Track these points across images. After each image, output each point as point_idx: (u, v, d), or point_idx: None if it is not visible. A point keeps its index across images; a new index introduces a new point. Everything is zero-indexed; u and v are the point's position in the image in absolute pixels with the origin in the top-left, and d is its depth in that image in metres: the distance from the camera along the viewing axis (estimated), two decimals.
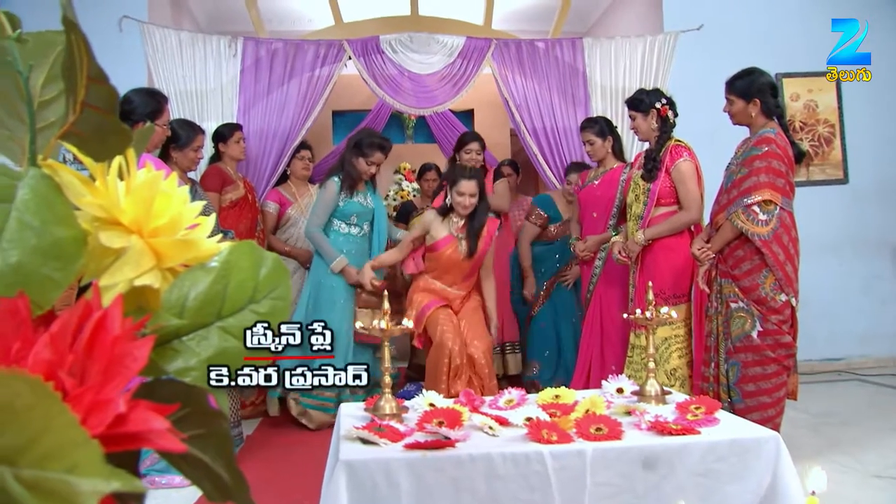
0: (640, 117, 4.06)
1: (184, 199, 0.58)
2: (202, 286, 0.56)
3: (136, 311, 0.55)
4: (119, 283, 0.55)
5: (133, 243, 0.55)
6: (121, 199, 0.55)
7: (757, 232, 3.46)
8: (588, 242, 4.63)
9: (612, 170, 4.67)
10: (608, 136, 4.73)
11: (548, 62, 5.65)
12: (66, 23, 0.52)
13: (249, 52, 5.38)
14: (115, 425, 0.43)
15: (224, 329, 0.58)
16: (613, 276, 4.42)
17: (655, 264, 3.95)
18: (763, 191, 3.46)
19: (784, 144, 3.54)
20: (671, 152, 3.96)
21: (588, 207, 4.76)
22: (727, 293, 3.58)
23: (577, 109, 5.66)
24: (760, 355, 3.49)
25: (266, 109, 5.39)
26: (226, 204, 4.66)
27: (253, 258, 0.58)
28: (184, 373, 0.56)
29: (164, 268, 0.57)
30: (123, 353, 0.46)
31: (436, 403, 2.55)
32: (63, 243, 0.51)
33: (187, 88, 5.27)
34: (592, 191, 4.73)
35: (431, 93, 5.65)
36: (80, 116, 0.55)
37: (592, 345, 4.51)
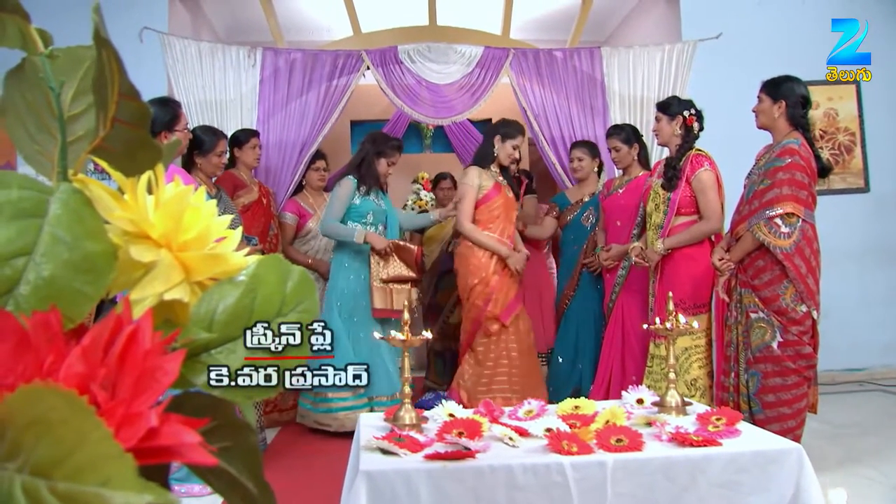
0: (666, 121, 4.06)
1: (212, 213, 0.58)
2: (230, 300, 0.57)
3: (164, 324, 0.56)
4: (149, 296, 0.55)
5: (162, 257, 0.56)
6: (150, 214, 0.56)
7: (779, 245, 3.43)
8: (612, 251, 4.61)
9: (638, 178, 4.65)
10: (634, 144, 4.72)
11: (566, 71, 5.65)
12: (98, 39, 0.52)
13: (268, 63, 5.42)
14: (147, 439, 0.44)
15: None
16: (636, 285, 4.41)
17: (675, 274, 3.94)
18: (786, 203, 3.43)
19: (808, 156, 3.51)
20: (692, 162, 3.94)
21: (612, 216, 4.74)
22: (747, 303, 3.56)
23: (595, 119, 5.65)
24: (780, 366, 3.47)
25: (285, 119, 5.42)
26: (239, 208, 4.65)
27: (280, 272, 0.59)
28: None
29: (193, 281, 0.58)
30: (154, 366, 0.47)
31: (455, 414, 2.55)
32: (94, 257, 0.51)
33: (207, 98, 5.31)
34: (617, 199, 4.72)
35: (449, 102, 5.67)
36: (110, 132, 0.55)
37: (613, 354, 4.49)
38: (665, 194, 4.00)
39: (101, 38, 0.52)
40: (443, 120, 5.80)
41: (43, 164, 0.60)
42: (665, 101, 4.16)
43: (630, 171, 4.74)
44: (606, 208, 4.80)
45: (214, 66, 5.33)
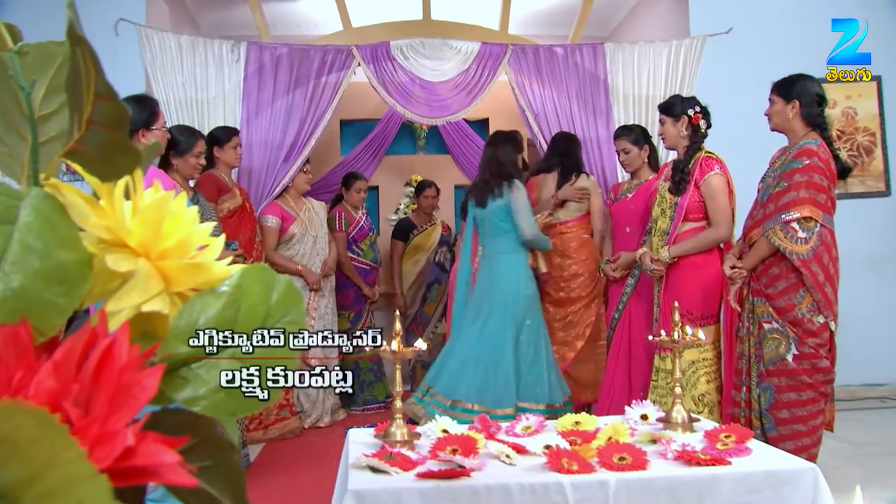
0: (670, 122, 4.07)
1: (193, 220, 0.58)
2: (212, 311, 0.57)
3: (142, 337, 0.56)
4: (126, 308, 0.55)
5: (140, 267, 0.56)
6: (127, 221, 0.56)
7: (795, 250, 3.42)
8: (620, 260, 4.59)
9: (647, 182, 4.65)
10: (644, 146, 4.73)
11: (567, 69, 5.66)
12: (73, 36, 0.52)
13: (253, 58, 5.41)
14: (123, 459, 0.44)
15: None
16: (646, 295, 4.41)
17: (682, 283, 3.94)
18: (803, 207, 3.42)
19: (826, 157, 3.49)
20: (701, 164, 3.94)
21: (621, 222, 4.74)
22: (760, 313, 3.55)
23: (597, 119, 5.67)
24: (795, 380, 3.46)
25: (271, 119, 5.42)
26: (223, 213, 4.64)
27: (265, 282, 0.59)
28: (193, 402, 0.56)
29: (173, 292, 0.58)
30: (131, 382, 0.47)
31: (449, 430, 2.55)
32: (67, 267, 0.51)
33: (187, 96, 5.30)
34: (625, 204, 4.72)
35: (444, 101, 5.68)
36: (85, 134, 0.55)
37: (618, 368, 4.50)
38: (672, 199, 4.00)
39: (75, 34, 0.52)
40: (437, 120, 5.82)
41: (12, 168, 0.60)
42: (667, 102, 4.17)
43: (639, 175, 4.74)
44: (614, 214, 4.81)
45: (195, 62, 5.32)
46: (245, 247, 4.69)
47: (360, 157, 7.11)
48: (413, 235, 6.58)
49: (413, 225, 6.64)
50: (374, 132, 7.12)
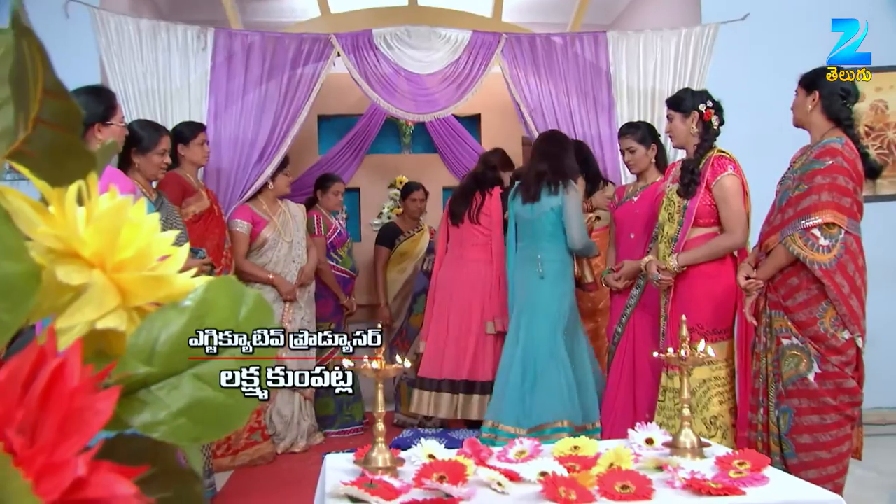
0: (679, 118, 4.07)
1: (153, 228, 0.58)
2: (174, 328, 0.57)
3: (95, 356, 0.56)
4: (78, 325, 0.55)
5: (95, 279, 0.56)
6: (80, 229, 0.55)
7: (817, 259, 3.39)
8: (624, 269, 4.59)
9: (654, 184, 4.65)
10: (651, 144, 4.74)
11: (566, 60, 5.67)
12: (19, 27, 0.52)
13: (221, 46, 5.40)
14: (73, 490, 0.43)
15: (198, 377, 0.58)
16: (651, 306, 4.41)
17: (692, 294, 3.94)
18: (825, 211, 3.39)
19: (853, 157, 3.46)
20: (713, 165, 3.94)
21: (625, 228, 4.75)
22: (778, 327, 3.54)
23: (599, 115, 5.69)
24: (818, 402, 3.43)
25: (241, 113, 5.41)
26: (188, 217, 4.62)
27: (232, 295, 0.59)
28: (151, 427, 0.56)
29: (131, 307, 0.58)
30: (83, 406, 0.47)
31: (436, 455, 2.54)
32: (13, 279, 0.51)
33: (148, 87, 5.26)
34: (630, 208, 4.72)
35: (432, 95, 5.70)
36: (32, 134, 0.55)
37: (622, 386, 4.51)
38: (681, 202, 3.99)
39: (21, 25, 0.52)
40: (424, 116, 5.84)
41: None
42: (676, 97, 4.18)
43: (646, 176, 4.75)
44: (618, 219, 4.82)
45: (157, 49, 5.28)
46: (213, 254, 4.68)
47: (340, 157, 7.14)
48: (399, 241, 6.60)
49: (399, 230, 6.65)
50: (355, 129, 7.15)
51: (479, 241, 5.40)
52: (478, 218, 5.38)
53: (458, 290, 5.36)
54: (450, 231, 5.55)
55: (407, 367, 2.70)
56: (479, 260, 5.38)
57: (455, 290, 5.37)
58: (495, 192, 5.44)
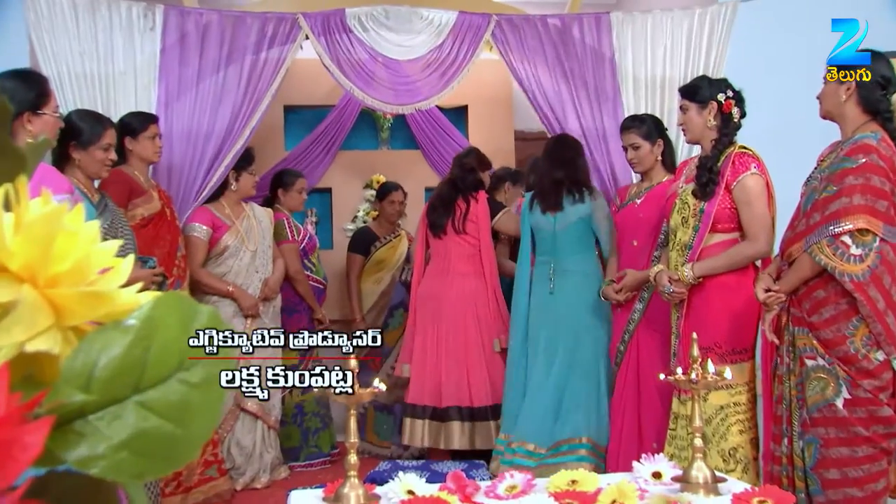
0: (695, 110, 4.06)
1: (93, 238, 0.58)
2: (116, 350, 0.56)
3: (24, 383, 0.55)
4: (4, 347, 0.55)
5: (24, 296, 0.55)
6: (8, 239, 0.55)
7: (848, 270, 3.35)
8: (626, 280, 4.59)
9: (661, 185, 4.67)
10: (657, 140, 4.76)
11: (564, 45, 5.65)
12: None
13: (172, 26, 5.33)
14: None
15: (143, 405, 0.58)
16: (657, 322, 4.42)
17: (708, 309, 3.94)
18: (857, 216, 3.35)
19: (889, 154, 3.43)
20: (734, 162, 3.93)
21: (627, 233, 4.77)
22: (801, 346, 3.52)
23: (602, 107, 5.66)
24: (848, 432, 3.40)
25: (196, 103, 5.34)
26: (136, 221, 4.59)
27: (183, 313, 0.58)
28: (89, 463, 0.56)
29: (66, 327, 0.57)
30: (10, 439, 0.46)
31: (416, 490, 2.53)
32: None
33: (86, 71, 5.18)
34: (633, 212, 4.74)
35: (413, 84, 5.68)
36: None
37: (626, 413, 4.52)
38: (697, 205, 3.99)
39: None
40: (404, 107, 5.82)
41: None
42: (691, 85, 4.18)
43: (651, 176, 4.77)
44: (620, 224, 4.83)
45: (96, 28, 5.19)
46: (165, 262, 4.64)
47: (309, 153, 7.14)
48: (374, 248, 6.60)
49: (374, 236, 6.65)
50: (326, 122, 7.15)
51: (467, 252, 5.45)
52: (464, 227, 5.43)
53: (449, 308, 5.39)
54: (430, 242, 5.59)
55: (383, 390, 2.70)
56: (469, 273, 5.43)
57: (444, 307, 5.40)
58: (481, 196, 5.50)
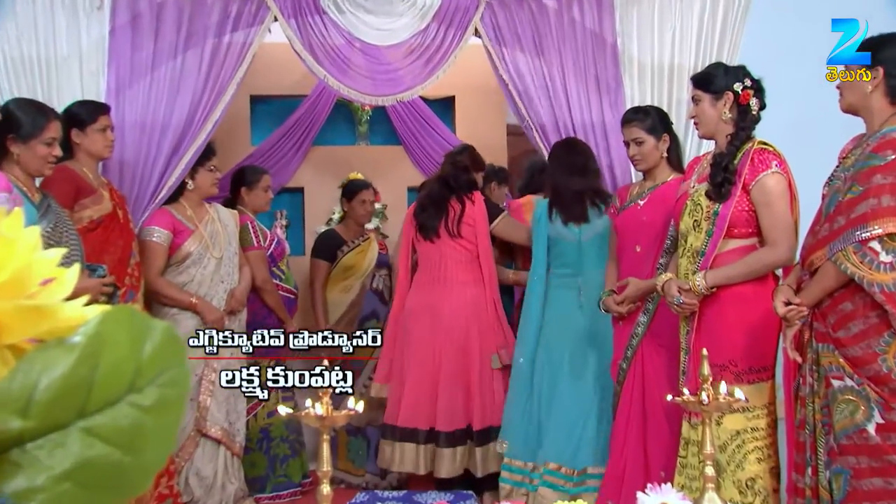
0: (709, 101, 4.05)
1: (33, 246, 0.58)
2: (59, 371, 0.56)
3: None
4: None
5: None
6: None
7: (878, 280, 3.31)
8: (629, 289, 4.58)
9: (666, 184, 4.67)
10: (663, 135, 4.75)
11: (562, 30, 5.66)
12: None
13: (122, 5, 5.29)
14: None
15: (89, 431, 0.58)
16: (663, 336, 4.42)
17: (722, 322, 3.93)
18: (887, 220, 3.31)
19: None
20: (752, 159, 3.91)
21: (628, 238, 4.76)
22: (827, 365, 3.50)
23: (603, 98, 5.67)
24: (881, 461, 3.35)
25: (151, 91, 5.31)
26: (84, 224, 4.57)
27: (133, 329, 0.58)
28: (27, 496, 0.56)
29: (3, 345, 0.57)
30: None
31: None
32: None
33: (24, 55, 5.16)
34: (635, 215, 4.74)
35: (394, 73, 5.67)
36: None
37: (630, 437, 4.53)
38: (711, 207, 3.96)
39: None
40: (384, 98, 5.79)
41: None
42: (705, 74, 4.17)
43: (655, 175, 4.77)
44: (620, 228, 4.82)
45: (35, 7, 5.18)
46: (115, 270, 4.61)
47: (279, 149, 7.15)
48: (342, 253, 6.57)
49: (341, 239, 6.62)
50: (298, 114, 7.18)
51: (464, 259, 5.48)
52: (459, 230, 5.45)
53: (447, 320, 5.40)
54: (417, 247, 5.61)
55: (359, 411, 2.73)
56: (468, 282, 5.47)
57: (441, 319, 5.41)
58: (477, 197, 5.53)
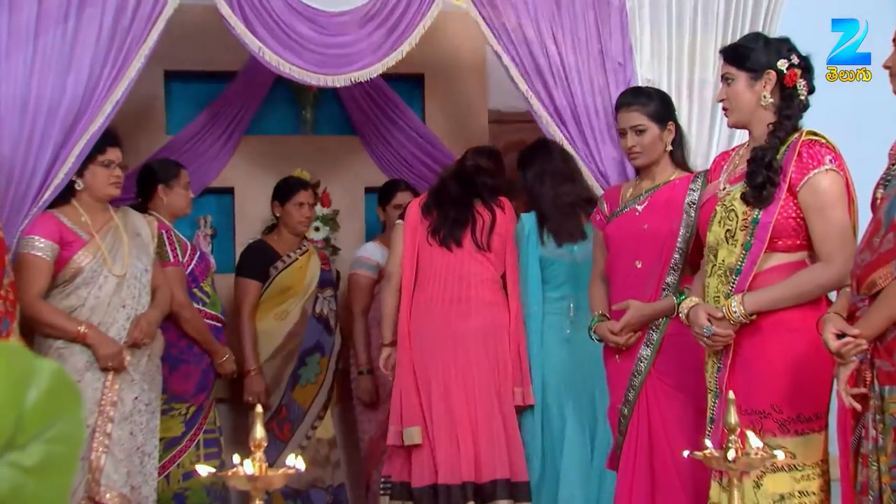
0: (745, 81, 4.07)
1: None
2: None
3: None
4: None
5: None
6: None
7: None
8: (630, 315, 4.62)
9: (670, 185, 4.74)
10: (668, 123, 4.80)
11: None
12: None
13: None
14: None
15: None
16: (675, 374, 4.50)
17: (763, 358, 3.95)
18: None
19: None
20: (801, 154, 3.93)
21: (625, 251, 4.80)
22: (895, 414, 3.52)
23: (608, 76, 5.74)
24: None
25: (34, 63, 5.26)
26: None
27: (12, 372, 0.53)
28: None
29: None
30: None
31: None
32: None
33: None
34: (634, 222, 4.77)
35: (349, 46, 5.69)
36: None
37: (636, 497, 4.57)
38: (749, 213, 3.97)
39: None
40: (336, 77, 5.77)
41: None
42: (740, 47, 4.20)
43: (655, 173, 4.83)
44: (613, 239, 4.86)
45: None
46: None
47: (202, 139, 7.14)
48: (275, 271, 6.58)
49: (274, 253, 6.63)
50: (226, 95, 7.16)
51: (489, 277, 5.66)
52: (489, 242, 5.60)
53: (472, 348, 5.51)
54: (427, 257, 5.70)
55: (300, 469, 2.76)
56: (495, 303, 5.63)
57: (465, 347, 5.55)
58: (507, 204, 5.71)
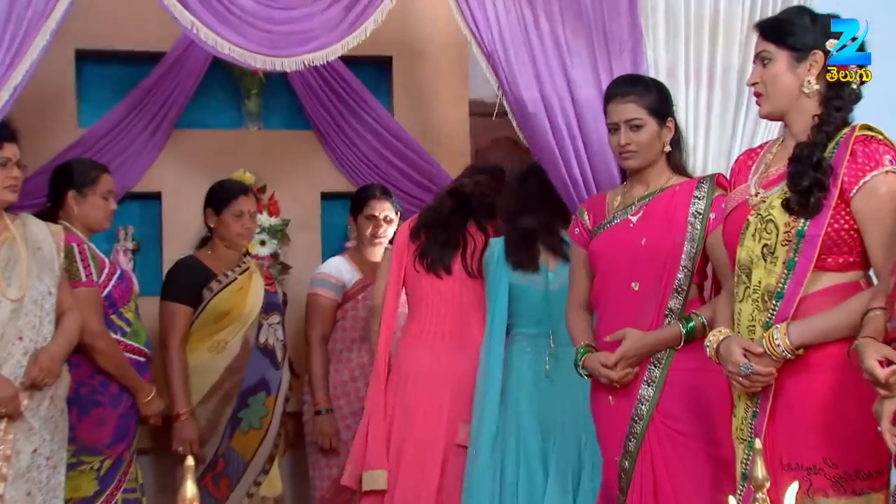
0: (785, 62, 4.05)
1: None
2: None
3: None
4: None
5: None
6: None
7: None
8: (627, 346, 4.57)
9: (668, 192, 4.75)
10: (668, 121, 4.80)
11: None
12: None
13: None
14: None
15: None
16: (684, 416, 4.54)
17: (810, 401, 3.87)
18: None
19: None
20: (855, 153, 3.87)
21: (618, 270, 4.77)
22: None
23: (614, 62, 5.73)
24: None
25: None
26: None
27: None
28: None
29: None
30: None
31: None
32: None
33: None
34: (627, 235, 4.75)
35: (301, 22, 5.64)
36: None
37: None
38: (792, 224, 3.88)
39: None
40: (286, 60, 5.72)
41: None
42: (781, 21, 4.18)
43: (649, 178, 4.82)
44: (601, 255, 4.84)
45: None
46: None
47: (123, 132, 7.09)
48: (210, 293, 6.50)
49: (208, 272, 6.55)
50: (152, 80, 7.12)
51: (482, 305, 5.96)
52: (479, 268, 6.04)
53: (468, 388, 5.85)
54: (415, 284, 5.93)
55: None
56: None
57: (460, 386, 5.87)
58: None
